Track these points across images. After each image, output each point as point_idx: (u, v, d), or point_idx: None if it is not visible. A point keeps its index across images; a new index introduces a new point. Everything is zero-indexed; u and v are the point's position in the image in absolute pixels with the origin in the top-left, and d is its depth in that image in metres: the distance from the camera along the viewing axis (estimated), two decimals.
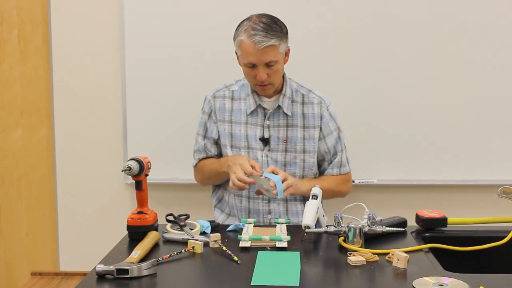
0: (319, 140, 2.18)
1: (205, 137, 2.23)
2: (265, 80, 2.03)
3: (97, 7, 2.82)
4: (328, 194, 2.15)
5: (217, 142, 2.22)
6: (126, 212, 2.01)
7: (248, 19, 2.04)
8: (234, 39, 2.06)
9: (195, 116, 2.29)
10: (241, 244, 1.71)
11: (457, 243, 1.74)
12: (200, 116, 2.24)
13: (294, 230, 1.83)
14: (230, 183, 1.99)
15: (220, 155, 2.23)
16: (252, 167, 1.97)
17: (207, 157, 2.24)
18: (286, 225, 1.88)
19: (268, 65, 2.02)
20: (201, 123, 2.24)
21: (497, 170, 2.75)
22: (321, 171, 2.25)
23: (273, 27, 2.00)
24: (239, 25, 2.06)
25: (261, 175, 1.96)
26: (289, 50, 2.11)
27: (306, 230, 1.74)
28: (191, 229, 1.81)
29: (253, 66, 2.03)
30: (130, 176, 1.77)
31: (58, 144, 2.92)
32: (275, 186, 1.89)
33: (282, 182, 1.93)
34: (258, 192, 2.04)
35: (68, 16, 2.83)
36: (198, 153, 2.26)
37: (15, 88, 2.91)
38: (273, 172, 1.96)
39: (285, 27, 2.06)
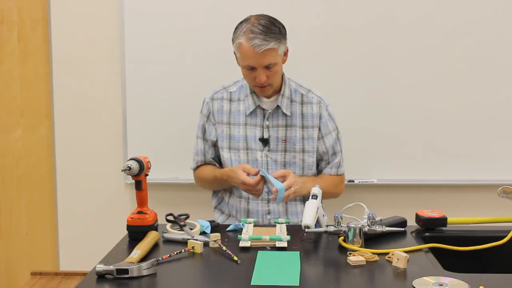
0: (318, 140, 2.18)
1: (203, 139, 2.23)
2: (264, 81, 2.03)
3: (97, 7, 2.82)
4: (326, 196, 2.15)
5: (215, 145, 2.22)
6: (126, 212, 2.01)
7: (246, 20, 2.03)
8: (233, 41, 2.05)
9: (195, 116, 2.29)
10: (241, 244, 1.70)
11: (457, 243, 1.74)
12: (199, 118, 2.24)
13: (294, 230, 1.83)
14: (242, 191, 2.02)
15: (218, 157, 2.23)
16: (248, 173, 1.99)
17: (205, 163, 2.25)
18: (286, 225, 1.88)
19: (267, 67, 2.01)
20: (199, 126, 2.24)
21: (497, 170, 2.75)
22: (318, 171, 2.25)
23: (272, 29, 1.99)
24: (237, 27, 2.05)
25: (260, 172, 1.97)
26: (287, 50, 2.10)
27: (306, 230, 1.74)
28: (191, 229, 1.81)
29: (252, 68, 2.02)
30: (130, 176, 1.77)
31: (58, 144, 2.92)
32: (277, 191, 1.89)
33: (286, 189, 1.91)
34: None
35: (68, 15, 2.83)
36: (196, 155, 2.26)
37: (15, 88, 2.91)
38: (284, 176, 1.95)
39: (284, 27, 2.05)
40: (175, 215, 1.85)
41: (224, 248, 1.65)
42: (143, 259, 1.58)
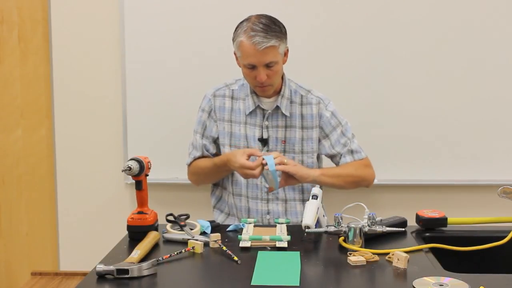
0: (323, 139, 2.18)
1: (203, 135, 2.22)
2: (265, 81, 2.03)
3: (97, 7, 2.81)
4: (349, 180, 2.14)
5: (215, 141, 2.22)
6: (126, 212, 2.01)
7: (247, 20, 2.04)
8: (233, 40, 2.05)
9: (195, 116, 2.29)
10: (241, 244, 1.71)
11: (457, 243, 1.74)
12: (199, 114, 2.23)
13: (294, 230, 1.83)
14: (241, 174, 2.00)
15: (218, 154, 2.22)
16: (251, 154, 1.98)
17: (202, 157, 2.23)
18: (286, 225, 1.88)
19: (268, 66, 2.01)
20: (199, 121, 2.23)
21: (497, 170, 2.75)
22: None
23: (273, 27, 2.00)
24: (237, 26, 2.05)
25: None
26: (287, 50, 2.11)
27: (306, 230, 1.74)
28: (191, 229, 1.81)
29: (253, 67, 2.02)
30: (130, 176, 1.78)
31: (58, 144, 2.92)
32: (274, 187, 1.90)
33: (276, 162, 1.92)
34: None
35: (69, 15, 2.83)
36: (195, 150, 2.23)
37: (15, 88, 2.91)
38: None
39: (284, 27, 2.06)
40: (175, 215, 1.85)
41: (224, 248, 1.65)
42: (144, 259, 1.58)
